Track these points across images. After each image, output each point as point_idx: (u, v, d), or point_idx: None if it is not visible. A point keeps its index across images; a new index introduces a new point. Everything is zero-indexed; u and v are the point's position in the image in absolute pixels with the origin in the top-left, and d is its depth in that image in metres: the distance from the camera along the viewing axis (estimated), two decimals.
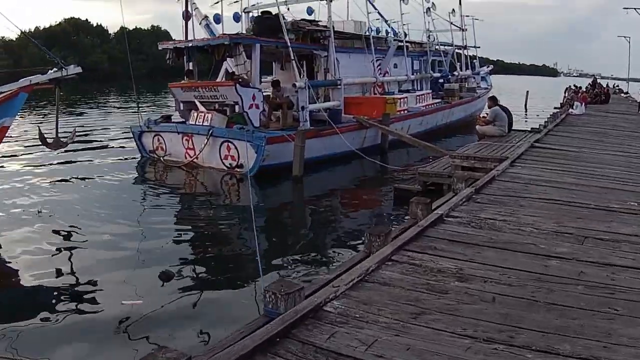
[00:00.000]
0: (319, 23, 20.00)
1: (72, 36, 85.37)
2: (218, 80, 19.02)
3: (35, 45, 12.98)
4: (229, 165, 15.69)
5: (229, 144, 15.61)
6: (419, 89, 26.24)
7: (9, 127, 12.19)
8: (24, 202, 13.00)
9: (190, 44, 17.38)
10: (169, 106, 32.61)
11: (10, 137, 22.80)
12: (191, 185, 15.53)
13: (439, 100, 26.48)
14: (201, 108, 17.03)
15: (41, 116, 31.10)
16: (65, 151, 17.11)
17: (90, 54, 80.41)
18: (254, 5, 21.01)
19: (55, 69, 11.96)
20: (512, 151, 12.71)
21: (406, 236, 5.97)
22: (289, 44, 17.14)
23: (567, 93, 36.66)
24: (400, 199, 11.92)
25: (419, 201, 7.55)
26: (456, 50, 33.45)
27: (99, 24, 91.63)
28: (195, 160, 16.39)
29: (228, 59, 17.72)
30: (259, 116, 16.28)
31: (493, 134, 15.69)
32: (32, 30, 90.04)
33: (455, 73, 31.87)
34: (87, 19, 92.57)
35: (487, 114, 17.95)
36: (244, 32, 19.49)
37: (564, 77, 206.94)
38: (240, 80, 16.24)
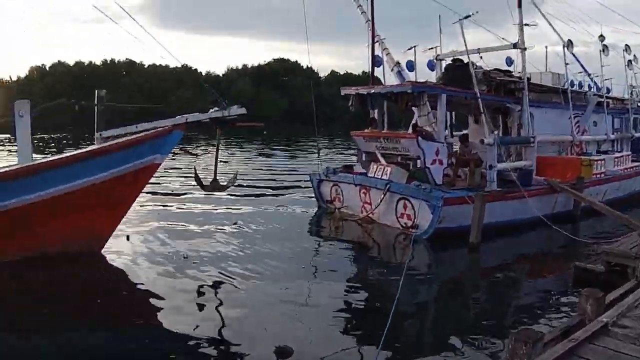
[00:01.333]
0: (512, 73, 18.10)
1: (282, 76, 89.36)
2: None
3: (203, 84, 12.71)
4: (404, 225, 14.64)
5: (406, 201, 14.62)
6: (618, 149, 23.48)
7: (160, 164, 12.19)
8: (171, 245, 12.94)
9: (372, 91, 16.42)
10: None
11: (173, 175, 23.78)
12: (362, 242, 14.62)
13: (639, 163, 23.41)
14: (382, 160, 16.11)
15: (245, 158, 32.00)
16: (235, 194, 16.89)
17: (299, 95, 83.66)
18: (450, 52, 19.56)
19: (216, 109, 11.77)
20: None
21: (549, 356, 4.37)
22: (478, 95, 15.70)
23: None
24: (580, 281, 10.29)
25: (589, 294, 6.36)
26: None
27: (309, 66, 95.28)
28: (371, 215, 15.60)
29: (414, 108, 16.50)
30: (442, 173, 15.15)
31: None
32: (240, 67, 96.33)
33: None
34: (296, 61, 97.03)
35: None
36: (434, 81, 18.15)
37: None
38: (423, 132, 14.99)
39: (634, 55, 26.48)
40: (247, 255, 12.12)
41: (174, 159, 28.11)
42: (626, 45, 24.69)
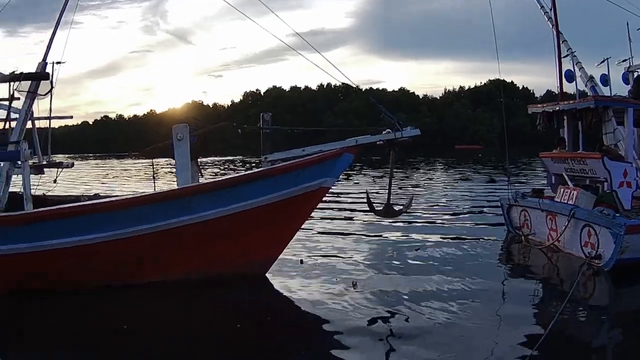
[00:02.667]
0: None
1: (498, 98, 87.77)
2: None
3: (374, 103, 12.66)
4: (587, 254, 13.34)
5: (590, 228, 13.35)
6: None
7: (329, 188, 12.12)
8: (342, 271, 12.84)
9: (557, 108, 15.41)
10: None
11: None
12: (540, 273, 13.61)
13: None
14: (569, 183, 15.09)
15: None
16: (420, 217, 16.46)
17: (514, 116, 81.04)
18: None
19: (389, 130, 11.54)
20: None
21: None
22: None
23: None
24: None
25: None
26: None
27: (524, 86, 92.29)
28: (556, 243, 14.49)
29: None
30: (631, 197, 13.65)
31: None
32: (457, 89, 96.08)
33: None
34: (512, 81, 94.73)
35: None
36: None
37: None
38: (609, 152, 13.72)
39: None
40: (422, 283, 11.71)
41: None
42: None
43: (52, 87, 12.51)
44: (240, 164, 61.58)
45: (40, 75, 12.27)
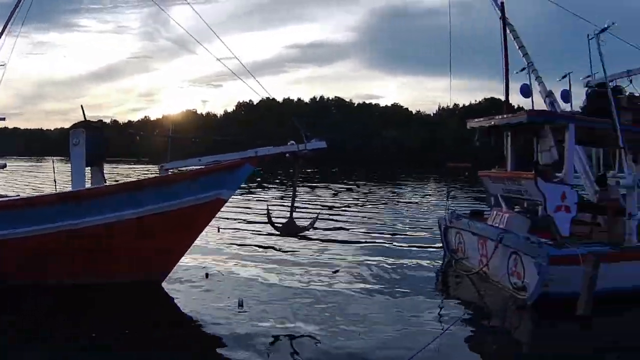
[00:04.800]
0: None
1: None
2: None
3: (294, 121, 11.67)
4: (514, 285, 11.78)
5: (517, 256, 11.71)
6: None
7: (226, 200, 11.53)
8: (240, 289, 11.84)
9: (492, 123, 13.86)
10: None
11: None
12: (462, 303, 11.78)
13: None
14: (503, 205, 13.81)
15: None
16: (353, 237, 15.28)
17: None
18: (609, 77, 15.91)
19: (292, 142, 11.09)
20: None
21: None
22: (617, 125, 12.02)
23: None
24: None
25: None
26: None
27: (520, 105, 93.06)
28: (485, 270, 12.93)
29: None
30: (568, 223, 11.89)
31: None
32: (451, 106, 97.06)
33: None
34: (501, 99, 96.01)
35: None
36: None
37: None
38: (543, 172, 12.08)
39: None
40: (327, 311, 10.41)
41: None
42: None
43: None
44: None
45: None
